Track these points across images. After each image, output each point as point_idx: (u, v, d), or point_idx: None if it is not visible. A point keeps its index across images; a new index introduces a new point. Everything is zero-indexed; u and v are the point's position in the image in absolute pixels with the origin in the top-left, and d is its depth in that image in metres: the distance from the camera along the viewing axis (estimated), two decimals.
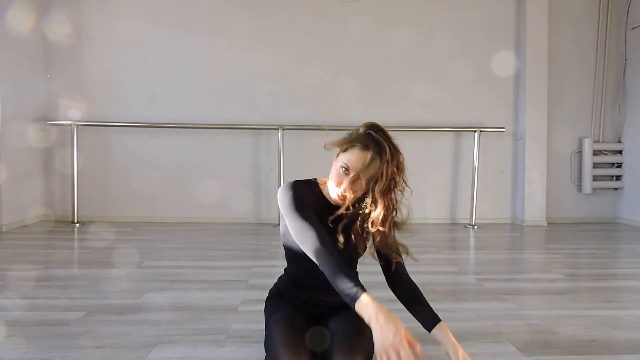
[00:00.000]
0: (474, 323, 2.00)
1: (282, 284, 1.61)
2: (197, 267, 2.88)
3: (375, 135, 1.32)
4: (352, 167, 1.32)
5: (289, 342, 1.32)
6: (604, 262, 3.27)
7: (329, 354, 1.36)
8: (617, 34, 4.94)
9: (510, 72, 4.83)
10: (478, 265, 3.18)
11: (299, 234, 1.32)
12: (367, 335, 1.29)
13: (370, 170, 1.31)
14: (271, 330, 1.40)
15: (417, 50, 4.76)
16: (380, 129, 1.35)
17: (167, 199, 4.67)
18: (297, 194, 1.37)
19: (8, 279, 2.56)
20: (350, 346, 1.33)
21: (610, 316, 2.12)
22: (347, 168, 1.33)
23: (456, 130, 4.76)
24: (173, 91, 4.65)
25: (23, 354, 1.63)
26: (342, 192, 1.34)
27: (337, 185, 1.35)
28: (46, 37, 4.55)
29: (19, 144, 4.23)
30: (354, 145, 1.33)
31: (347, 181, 1.33)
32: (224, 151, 4.69)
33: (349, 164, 1.32)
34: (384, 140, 1.31)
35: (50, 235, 3.97)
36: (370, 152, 1.30)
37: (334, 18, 4.70)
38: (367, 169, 1.30)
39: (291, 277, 1.56)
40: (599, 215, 5.01)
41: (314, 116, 4.68)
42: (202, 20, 4.65)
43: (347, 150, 1.34)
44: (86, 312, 2.04)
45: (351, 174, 1.33)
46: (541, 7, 4.73)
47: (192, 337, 1.81)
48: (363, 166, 1.30)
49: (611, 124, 5.00)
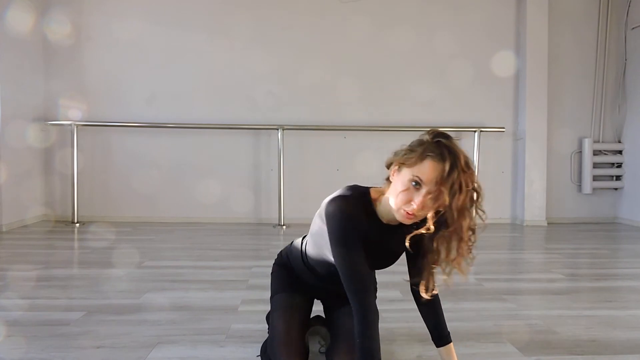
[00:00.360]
0: (474, 323, 2.00)
1: (295, 261, 1.58)
2: (197, 267, 2.88)
3: (447, 143, 1.19)
4: (426, 181, 1.17)
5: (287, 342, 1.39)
6: (604, 262, 3.27)
7: (330, 353, 1.44)
8: (617, 34, 4.94)
9: (510, 72, 4.83)
10: (478, 265, 3.17)
11: (345, 274, 1.25)
12: None
13: (449, 182, 1.15)
14: (274, 316, 1.48)
15: (417, 50, 4.76)
16: (449, 136, 1.22)
17: (167, 199, 4.66)
18: (350, 225, 1.25)
19: (8, 279, 2.56)
20: (350, 350, 1.35)
21: (610, 316, 2.12)
22: (420, 182, 1.18)
23: (456, 130, 4.75)
24: (173, 91, 4.65)
25: (23, 354, 1.63)
26: (412, 209, 1.19)
27: (405, 202, 1.20)
28: (46, 37, 4.54)
29: (19, 144, 4.22)
30: (426, 156, 1.18)
31: (420, 197, 1.17)
32: (224, 151, 4.69)
33: (422, 178, 1.17)
34: (457, 148, 1.19)
35: (50, 235, 3.97)
36: (447, 163, 1.15)
37: (334, 18, 4.70)
38: (445, 181, 1.15)
39: (308, 261, 1.51)
40: (599, 215, 5.01)
41: (314, 116, 4.68)
42: (202, 20, 4.65)
43: (415, 163, 1.19)
44: (86, 312, 2.04)
45: (424, 189, 1.17)
46: (541, 7, 4.72)
47: (192, 337, 1.81)
48: (442, 178, 1.15)
49: (611, 124, 5.00)
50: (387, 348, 1.74)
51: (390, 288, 2.43)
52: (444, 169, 1.15)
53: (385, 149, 4.55)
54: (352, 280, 1.24)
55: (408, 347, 1.75)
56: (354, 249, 1.25)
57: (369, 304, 1.24)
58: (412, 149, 1.23)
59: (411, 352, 1.71)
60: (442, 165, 1.16)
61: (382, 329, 1.90)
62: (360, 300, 1.23)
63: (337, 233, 1.25)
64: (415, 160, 1.19)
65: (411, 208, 1.19)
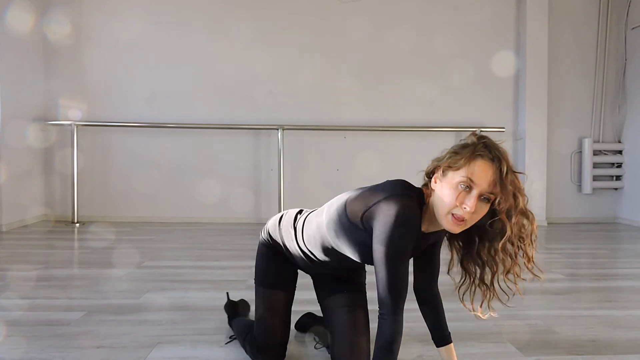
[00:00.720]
0: (474, 323, 2.00)
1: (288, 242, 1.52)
2: (197, 267, 2.88)
3: (495, 144, 1.16)
4: (478, 182, 1.11)
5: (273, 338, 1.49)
6: (604, 262, 3.27)
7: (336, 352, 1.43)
8: (617, 34, 4.94)
9: (510, 72, 4.83)
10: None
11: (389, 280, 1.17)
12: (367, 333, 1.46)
13: (507, 183, 1.12)
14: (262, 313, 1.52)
15: (417, 50, 4.76)
16: (490, 139, 1.18)
17: (167, 199, 4.66)
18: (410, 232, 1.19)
19: (8, 279, 2.56)
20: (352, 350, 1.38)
21: (610, 316, 2.12)
22: (471, 184, 1.12)
23: (456, 130, 4.75)
24: (173, 91, 4.65)
25: (23, 354, 1.63)
26: (464, 213, 1.13)
27: (455, 206, 1.14)
28: (46, 37, 4.54)
29: (19, 144, 4.22)
30: (476, 156, 1.13)
31: (473, 199, 1.12)
32: (224, 151, 4.69)
33: (473, 178, 1.11)
34: (504, 150, 1.16)
35: (50, 235, 3.97)
36: (501, 163, 1.12)
37: (334, 18, 4.70)
38: (503, 182, 1.11)
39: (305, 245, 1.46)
40: (599, 215, 5.01)
41: (314, 116, 4.68)
42: (202, 20, 4.65)
43: (464, 165, 1.14)
44: (86, 312, 2.04)
45: (476, 190, 1.12)
46: (541, 7, 4.72)
47: (192, 337, 1.81)
48: (497, 180, 1.11)
49: (611, 124, 5.00)
50: None
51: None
52: (499, 169, 1.11)
53: (386, 149, 4.60)
54: (395, 288, 1.17)
55: (408, 347, 1.75)
56: (405, 253, 1.20)
57: (402, 317, 1.20)
58: (457, 151, 1.17)
59: (411, 352, 1.71)
60: (495, 165, 1.12)
61: None
62: (396, 310, 1.17)
63: (394, 236, 1.16)
64: (465, 162, 1.14)
65: (463, 211, 1.13)
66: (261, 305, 1.55)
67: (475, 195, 1.12)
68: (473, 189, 1.12)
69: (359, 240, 1.28)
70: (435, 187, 1.20)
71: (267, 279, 1.57)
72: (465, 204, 1.12)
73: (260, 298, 1.56)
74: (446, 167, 1.17)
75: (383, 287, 1.17)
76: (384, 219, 1.16)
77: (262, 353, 1.50)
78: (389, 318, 1.17)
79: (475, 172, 1.12)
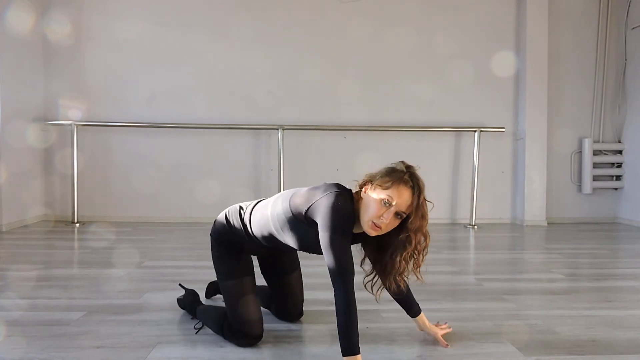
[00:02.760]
0: (474, 323, 2.00)
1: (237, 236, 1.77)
2: (197, 267, 2.88)
3: (417, 175, 1.48)
4: (397, 203, 1.44)
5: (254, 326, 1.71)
6: (604, 262, 3.27)
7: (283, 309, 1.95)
8: (617, 34, 4.94)
9: (510, 72, 4.83)
10: (478, 265, 3.18)
11: (334, 257, 1.42)
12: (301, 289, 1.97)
13: (420, 209, 1.45)
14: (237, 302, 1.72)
15: (417, 50, 4.76)
16: (414, 170, 1.51)
17: (167, 199, 4.67)
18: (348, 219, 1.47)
19: (8, 279, 2.56)
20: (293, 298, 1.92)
21: (610, 316, 2.12)
22: (391, 203, 1.44)
23: (456, 130, 4.76)
24: (173, 91, 4.65)
25: (23, 354, 1.63)
26: (381, 222, 1.44)
27: (376, 216, 1.44)
28: (46, 37, 4.54)
29: (19, 144, 4.23)
30: (401, 182, 1.45)
31: (390, 214, 1.44)
32: (224, 151, 4.69)
33: (395, 199, 1.44)
34: (422, 181, 1.48)
35: (50, 235, 3.97)
36: (417, 193, 1.45)
37: (334, 18, 4.70)
38: (417, 208, 1.44)
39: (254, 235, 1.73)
40: (599, 215, 5.01)
41: (314, 116, 4.68)
42: (202, 20, 4.65)
43: (390, 187, 1.45)
44: (86, 312, 2.04)
45: (393, 208, 1.44)
46: (541, 7, 4.72)
47: (192, 337, 1.81)
48: (408, 203, 1.44)
49: (611, 124, 5.00)
50: (387, 348, 1.74)
51: None
52: (418, 197, 1.45)
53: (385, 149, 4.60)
54: (341, 264, 1.42)
55: (408, 347, 1.75)
56: (347, 239, 1.47)
57: (352, 287, 1.43)
58: (388, 174, 1.48)
59: (411, 352, 1.71)
60: (415, 194, 1.45)
61: (382, 329, 1.92)
62: (346, 285, 1.42)
63: (335, 222, 1.43)
64: (391, 184, 1.45)
65: (380, 221, 1.44)
66: (233, 296, 1.74)
67: (392, 211, 1.44)
68: (392, 206, 1.44)
69: (300, 232, 1.58)
70: (364, 196, 1.50)
71: (231, 273, 1.77)
72: (384, 216, 1.44)
73: (229, 291, 1.76)
74: (377, 184, 1.47)
75: (332, 267, 1.43)
76: (325, 210, 1.45)
77: (245, 334, 1.70)
78: (341, 291, 1.42)
79: (397, 195, 1.44)
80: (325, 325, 1.92)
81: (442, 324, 1.81)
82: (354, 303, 1.42)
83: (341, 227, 1.45)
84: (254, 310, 1.72)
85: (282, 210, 1.60)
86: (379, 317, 2.02)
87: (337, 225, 1.43)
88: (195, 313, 1.94)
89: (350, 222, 1.49)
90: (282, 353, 1.69)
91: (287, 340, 1.80)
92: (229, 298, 1.76)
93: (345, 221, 1.46)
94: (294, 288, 1.94)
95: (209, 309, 1.93)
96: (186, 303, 2.03)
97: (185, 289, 2.12)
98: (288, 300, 1.94)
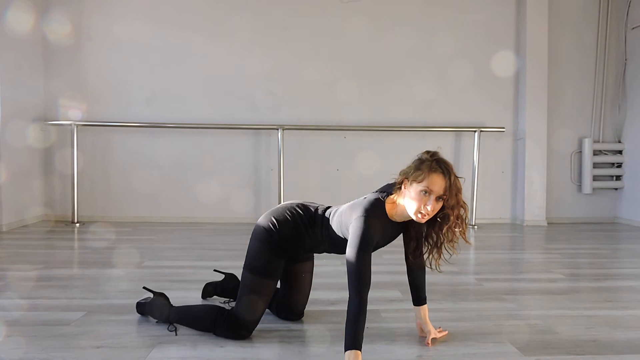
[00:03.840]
0: (474, 323, 2.00)
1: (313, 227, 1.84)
2: (197, 267, 2.88)
3: (443, 159, 1.63)
4: (435, 190, 1.58)
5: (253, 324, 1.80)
6: (604, 262, 3.27)
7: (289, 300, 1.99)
8: (617, 34, 4.94)
9: (510, 72, 4.83)
10: (478, 265, 3.18)
11: (355, 272, 1.56)
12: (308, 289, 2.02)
13: (453, 189, 1.60)
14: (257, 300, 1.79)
15: (417, 50, 4.76)
16: (439, 155, 1.65)
17: (167, 199, 4.66)
18: (371, 238, 1.60)
19: (8, 279, 2.56)
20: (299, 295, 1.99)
21: (610, 316, 2.12)
22: (430, 192, 1.58)
23: (456, 130, 4.76)
24: (173, 91, 4.65)
25: (23, 354, 1.63)
26: (426, 211, 1.59)
27: (421, 207, 1.59)
28: (46, 37, 4.54)
29: (19, 144, 4.22)
30: (432, 171, 1.59)
31: (432, 202, 1.58)
32: (224, 151, 4.69)
33: (432, 188, 1.58)
34: (449, 162, 1.63)
35: (50, 235, 3.97)
36: (449, 175, 1.59)
37: (334, 18, 4.70)
38: (450, 188, 1.59)
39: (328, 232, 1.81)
40: (599, 215, 5.01)
41: (314, 116, 4.68)
42: (202, 20, 4.65)
43: (424, 179, 1.58)
44: (86, 312, 2.04)
45: (433, 195, 1.58)
46: (541, 7, 4.72)
47: (192, 337, 1.81)
48: (447, 187, 1.59)
49: (611, 124, 5.00)
50: (387, 348, 1.74)
51: (390, 288, 2.43)
52: (449, 179, 1.59)
53: (385, 149, 4.60)
54: (360, 278, 1.55)
55: (408, 347, 1.75)
56: (368, 255, 1.59)
57: (366, 298, 1.56)
58: (418, 167, 1.62)
59: (411, 352, 1.71)
60: (446, 176, 1.59)
61: (382, 329, 1.92)
62: (362, 295, 1.54)
63: (360, 240, 1.58)
64: (424, 176, 1.59)
65: (425, 210, 1.60)
66: (252, 291, 1.80)
67: (433, 198, 1.59)
68: (431, 194, 1.58)
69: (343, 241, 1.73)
70: (405, 192, 1.64)
71: (262, 270, 1.81)
72: (427, 205, 1.59)
73: (251, 285, 1.81)
74: (412, 180, 1.61)
75: (353, 278, 1.56)
76: (354, 232, 1.61)
77: (244, 327, 1.78)
78: (356, 299, 1.53)
79: (432, 183, 1.58)
80: (325, 325, 1.92)
81: (441, 329, 1.86)
82: (365, 310, 1.54)
83: (366, 246, 1.58)
84: (258, 313, 1.81)
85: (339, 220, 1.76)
86: (379, 317, 2.03)
87: (363, 244, 1.57)
88: (169, 316, 1.89)
89: (372, 243, 1.62)
90: (282, 353, 1.69)
91: (287, 340, 1.80)
92: (246, 289, 1.81)
93: (367, 245, 1.59)
94: (304, 285, 1.99)
95: (191, 308, 1.92)
96: (155, 307, 1.94)
97: (154, 292, 1.99)
98: (294, 294, 1.98)
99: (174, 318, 1.88)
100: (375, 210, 1.67)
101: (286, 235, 1.82)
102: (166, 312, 1.90)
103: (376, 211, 1.66)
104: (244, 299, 1.80)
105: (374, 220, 1.63)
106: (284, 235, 1.82)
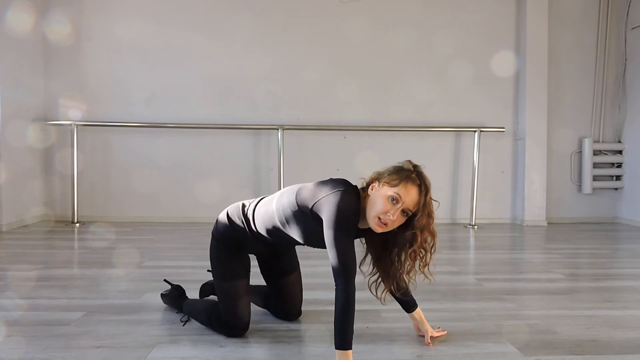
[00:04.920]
0: (474, 323, 2.00)
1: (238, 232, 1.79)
2: (197, 267, 2.88)
3: (424, 175, 1.50)
4: (405, 200, 1.45)
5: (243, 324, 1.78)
6: (604, 262, 3.27)
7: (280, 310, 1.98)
8: (617, 34, 4.94)
9: (510, 72, 4.83)
10: (478, 265, 3.18)
11: (337, 255, 1.44)
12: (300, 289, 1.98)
13: (426, 208, 1.47)
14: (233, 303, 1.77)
15: (417, 50, 4.76)
16: (421, 169, 1.53)
17: (167, 199, 4.67)
18: (351, 217, 1.48)
19: (8, 279, 2.56)
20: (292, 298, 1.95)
21: (610, 316, 2.12)
22: (399, 199, 1.45)
23: (456, 130, 4.76)
24: (173, 91, 4.65)
25: (23, 354, 1.63)
26: (387, 219, 1.46)
27: (383, 212, 1.46)
28: (46, 37, 4.54)
29: (19, 144, 4.22)
30: (409, 180, 1.47)
31: (396, 211, 1.45)
32: (224, 151, 4.69)
33: (402, 196, 1.45)
34: (428, 180, 1.50)
35: (50, 235, 3.97)
36: (424, 191, 1.47)
37: (334, 18, 4.70)
38: (424, 206, 1.47)
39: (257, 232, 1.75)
40: (599, 215, 5.01)
41: (314, 116, 4.68)
42: (202, 20, 4.65)
43: (398, 184, 1.47)
44: (86, 312, 2.04)
45: (400, 205, 1.45)
46: (541, 7, 4.72)
47: (192, 337, 1.81)
48: (415, 201, 1.46)
49: (611, 124, 5.00)
50: (387, 348, 1.74)
51: None
52: (424, 196, 1.47)
53: (385, 149, 4.59)
54: (344, 262, 1.44)
55: (408, 347, 1.75)
56: (349, 236, 1.48)
57: (353, 285, 1.45)
58: (396, 172, 1.51)
59: (411, 352, 1.71)
60: (422, 192, 1.47)
61: (382, 329, 1.92)
62: (347, 282, 1.43)
63: (340, 220, 1.45)
64: (399, 182, 1.47)
65: (386, 217, 1.45)
66: (227, 297, 1.79)
67: (399, 208, 1.46)
68: (399, 203, 1.45)
69: (305, 225, 1.59)
70: (371, 193, 1.51)
71: (227, 275, 1.80)
72: (390, 213, 1.45)
73: (224, 292, 1.80)
74: (385, 182, 1.49)
75: (335, 264, 1.44)
76: (330, 208, 1.46)
77: (234, 327, 1.78)
78: (342, 287, 1.43)
79: (405, 192, 1.46)
80: (324, 325, 1.92)
81: (440, 329, 1.84)
82: (353, 300, 1.43)
83: (346, 226, 1.46)
84: (243, 314, 1.79)
85: (288, 204, 1.61)
86: (379, 317, 2.02)
87: (342, 223, 1.45)
88: (182, 307, 2.00)
89: (355, 220, 1.50)
90: (282, 353, 1.69)
91: (287, 340, 1.80)
92: (223, 298, 1.81)
93: (349, 220, 1.47)
94: (293, 289, 1.96)
95: (196, 302, 2.00)
96: (172, 298, 2.07)
97: (171, 284, 2.15)
98: (287, 300, 1.96)
99: (185, 309, 1.97)
100: (353, 190, 1.54)
101: (229, 238, 1.82)
102: (180, 304, 2.01)
103: (353, 192, 1.54)
104: (223, 305, 1.79)
105: (352, 197, 1.50)
106: (228, 242, 1.82)
